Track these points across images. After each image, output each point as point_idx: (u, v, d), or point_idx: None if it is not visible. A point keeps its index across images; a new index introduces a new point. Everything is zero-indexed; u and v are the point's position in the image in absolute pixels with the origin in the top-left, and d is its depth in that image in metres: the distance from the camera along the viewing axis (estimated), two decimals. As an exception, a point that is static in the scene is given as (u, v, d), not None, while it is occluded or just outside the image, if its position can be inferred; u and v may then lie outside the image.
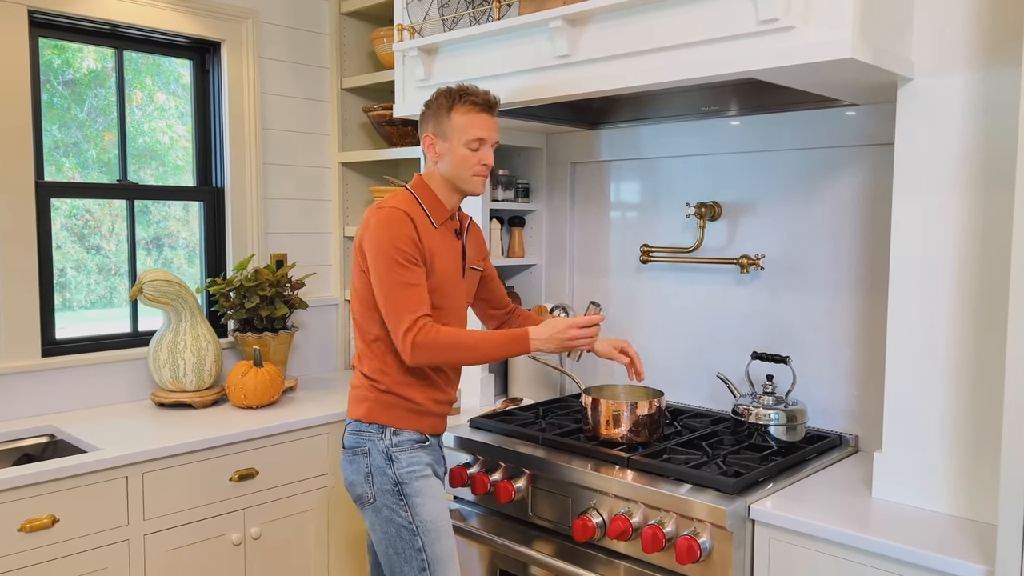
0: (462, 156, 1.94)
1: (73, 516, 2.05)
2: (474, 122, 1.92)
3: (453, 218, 2.04)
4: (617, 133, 2.68)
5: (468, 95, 1.92)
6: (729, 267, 2.42)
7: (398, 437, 1.96)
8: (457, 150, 1.94)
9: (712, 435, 2.22)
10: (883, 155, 2.12)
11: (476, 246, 2.15)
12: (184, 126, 2.94)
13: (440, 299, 1.98)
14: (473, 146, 1.93)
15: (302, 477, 2.52)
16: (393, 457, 1.94)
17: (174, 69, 2.91)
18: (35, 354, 2.50)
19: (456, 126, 1.92)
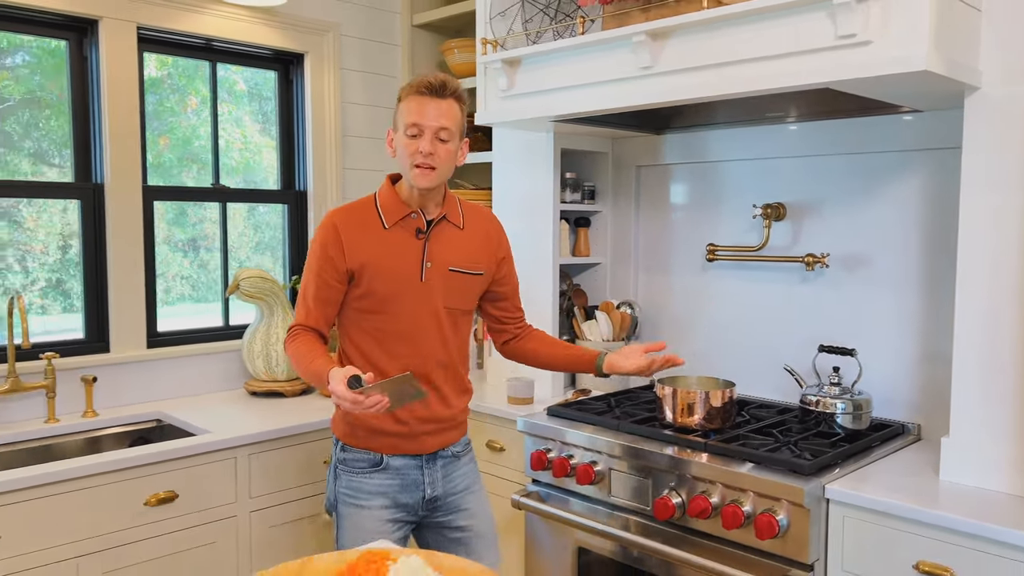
0: (400, 144, 1.81)
1: (190, 492, 2.23)
2: (411, 107, 1.78)
3: (415, 216, 1.88)
4: (681, 138, 2.82)
5: (419, 81, 1.80)
6: (794, 265, 2.55)
7: (346, 454, 1.90)
8: (400, 140, 1.81)
9: (780, 423, 2.35)
10: (944, 158, 2.24)
11: (464, 247, 1.95)
12: (239, 130, 3.12)
13: (388, 305, 1.86)
14: (411, 132, 1.78)
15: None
16: (338, 473, 1.92)
17: (229, 76, 3.10)
18: (141, 345, 2.70)
19: (402, 114, 1.81)
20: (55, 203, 2.61)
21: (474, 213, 2.03)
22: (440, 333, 1.92)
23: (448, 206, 1.95)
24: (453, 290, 1.93)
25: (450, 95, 1.81)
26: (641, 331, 2.98)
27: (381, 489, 1.88)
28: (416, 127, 1.78)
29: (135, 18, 2.63)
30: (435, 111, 1.79)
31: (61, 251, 2.64)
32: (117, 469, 2.09)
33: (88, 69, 2.62)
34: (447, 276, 1.91)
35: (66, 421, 2.46)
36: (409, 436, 1.89)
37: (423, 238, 1.88)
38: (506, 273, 2.07)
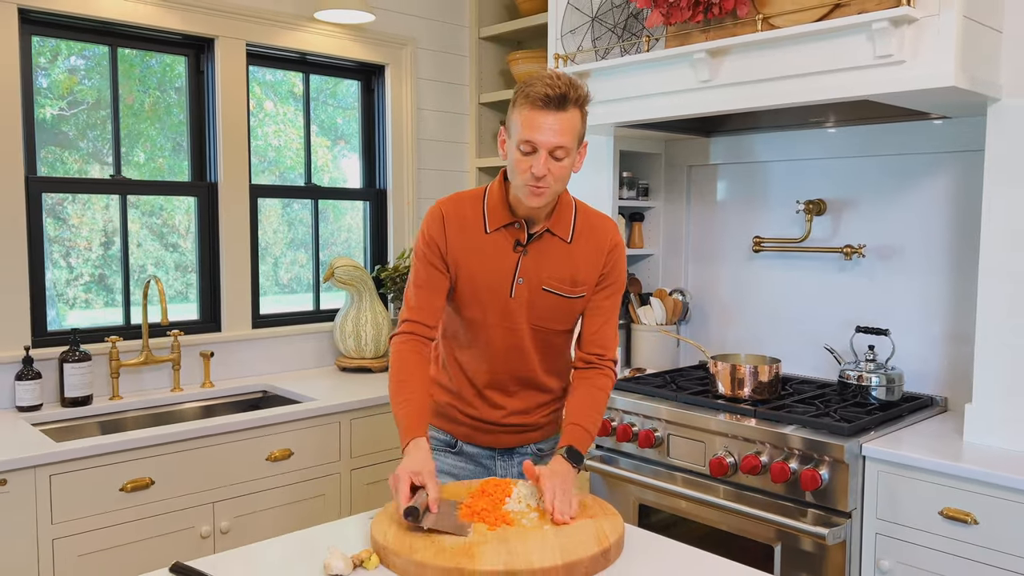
0: (514, 159, 1.64)
1: (303, 450, 2.57)
2: (526, 120, 1.59)
3: (519, 226, 1.74)
4: (729, 140, 3.11)
5: (531, 86, 1.60)
6: (833, 255, 2.83)
7: (431, 432, 1.87)
8: (512, 152, 1.65)
9: (821, 395, 2.63)
10: (970, 159, 2.51)
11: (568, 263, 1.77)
12: (295, 130, 3.46)
13: (473, 312, 1.77)
14: (525, 148, 1.60)
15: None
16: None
17: (287, 79, 3.44)
18: (247, 326, 3.05)
19: (515, 123, 1.63)
20: (179, 200, 2.97)
21: (589, 225, 1.81)
22: (521, 350, 1.80)
23: (557, 217, 1.77)
24: (544, 309, 1.77)
25: (572, 105, 1.62)
26: (692, 316, 3.28)
27: (453, 471, 1.87)
28: (530, 144, 1.60)
29: (246, 37, 2.98)
30: (553, 128, 1.59)
31: (169, 245, 3.00)
32: (244, 428, 2.44)
33: (204, 82, 2.97)
34: (539, 295, 1.76)
35: (188, 390, 2.82)
36: (484, 431, 1.86)
37: (520, 251, 1.73)
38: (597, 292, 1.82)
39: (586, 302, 1.82)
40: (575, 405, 1.78)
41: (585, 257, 1.79)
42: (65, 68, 2.75)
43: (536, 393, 1.87)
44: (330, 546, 1.43)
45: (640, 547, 1.53)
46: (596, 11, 2.69)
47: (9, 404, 2.52)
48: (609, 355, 1.84)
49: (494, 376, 1.82)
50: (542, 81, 1.60)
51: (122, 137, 2.85)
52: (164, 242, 2.99)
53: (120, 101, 2.83)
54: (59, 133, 2.75)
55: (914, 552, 2.10)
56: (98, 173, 2.82)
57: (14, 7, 2.48)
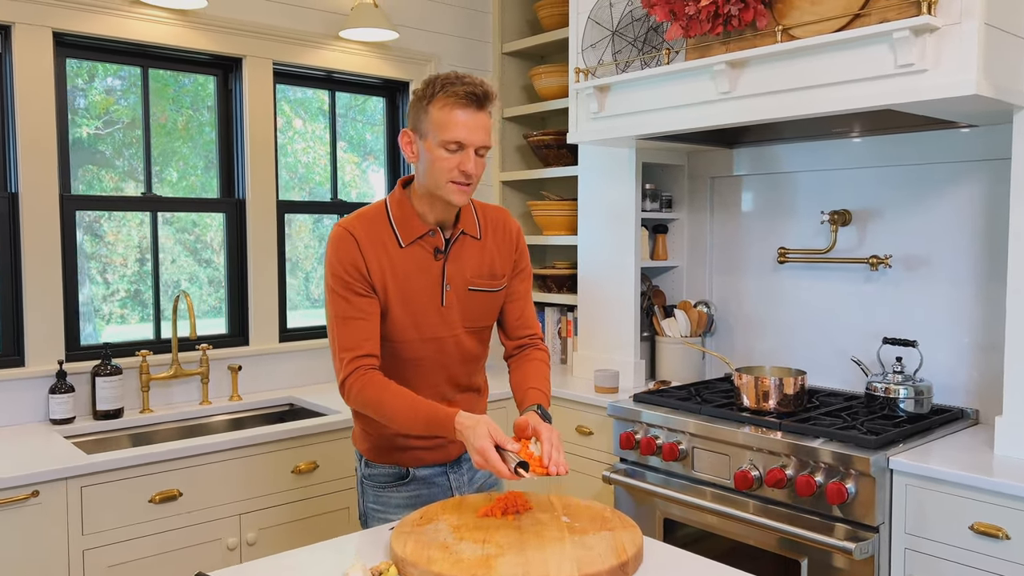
0: (437, 158, 1.60)
1: (328, 463, 2.60)
2: (453, 119, 1.58)
3: (434, 233, 1.71)
4: (752, 151, 3.10)
5: (451, 85, 1.59)
6: (860, 266, 2.80)
7: (370, 470, 1.80)
8: (433, 151, 1.61)
9: (847, 408, 2.60)
10: (997, 167, 2.48)
11: (484, 259, 1.79)
12: (323, 147, 3.50)
13: (406, 333, 1.71)
14: (451, 147, 1.60)
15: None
16: (364, 488, 1.83)
17: (315, 96, 3.49)
18: (275, 339, 3.09)
19: (435, 123, 1.60)
20: (212, 216, 3.03)
21: (490, 218, 1.84)
22: (461, 356, 1.80)
23: (464, 217, 1.78)
24: (475, 309, 1.79)
25: (490, 105, 1.64)
26: (717, 328, 3.26)
27: (409, 502, 1.80)
28: (458, 142, 1.59)
29: (273, 56, 3.04)
30: (479, 125, 1.61)
31: (201, 260, 3.06)
32: (270, 440, 2.47)
33: (232, 100, 3.04)
34: (467, 296, 1.76)
35: (217, 403, 2.86)
36: (433, 448, 1.80)
37: (442, 258, 1.72)
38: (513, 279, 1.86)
39: (507, 291, 1.85)
40: (527, 374, 1.81)
41: (498, 249, 1.82)
42: (102, 88, 2.82)
43: (473, 395, 1.89)
44: (352, 558, 1.45)
45: (660, 561, 1.52)
46: (616, 25, 2.71)
47: (43, 417, 2.58)
48: (538, 334, 1.92)
49: (435, 389, 1.78)
50: (459, 81, 1.61)
51: (156, 155, 2.91)
52: (198, 258, 3.05)
53: (153, 120, 2.90)
54: (96, 152, 2.82)
55: (944, 568, 2.06)
56: (133, 191, 2.89)
57: (49, 31, 2.56)
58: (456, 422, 1.56)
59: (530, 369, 1.83)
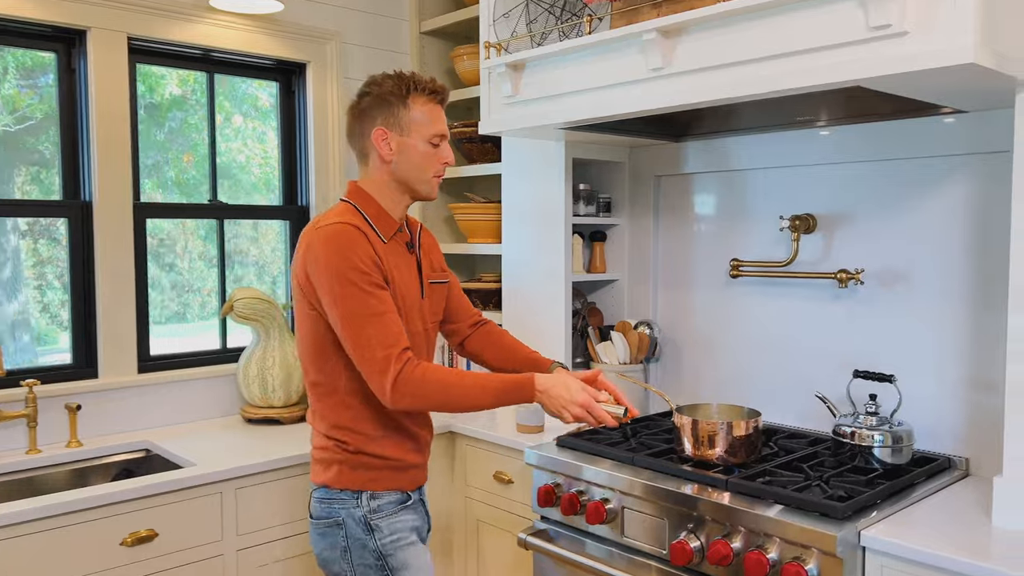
0: (424, 153, 1.70)
1: (172, 530, 2.08)
2: (436, 115, 1.72)
3: (402, 230, 1.79)
4: (703, 145, 2.63)
5: (424, 84, 1.71)
6: (826, 281, 2.34)
7: (377, 501, 1.71)
8: (418, 147, 1.70)
9: (812, 456, 2.14)
10: (993, 163, 2.02)
11: (433, 255, 1.92)
12: (261, 145, 3.00)
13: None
14: (435, 142, 1.71)
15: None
16: (373, 526, 1.70)
17: (253, 92, 2.98)
18: (132, 370, 2.57)
19: (416, 119, 1.69)
20: (42, 222, 2.50)
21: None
22: (429, 351, 1.87)
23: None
24: (436, 303, 1.88)
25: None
26: (662, 352, 2.79)
27: (415, 524, 1.77)
28: (441, 136, 1.72)
29: (125, 28, 2.52)
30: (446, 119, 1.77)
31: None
32: (86, 508, 1.94)
33: (76, 81, 2.51)
34: (431, 289, 1.86)
35: (49, 452, 2.34)
36: (422, 467, 1.82)
37: (415, 252, 1.81)
38: (451, 274, 2.01)
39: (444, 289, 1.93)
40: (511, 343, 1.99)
41: (432, 243, 1.93)
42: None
43: None
44: None
45: None
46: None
47: None
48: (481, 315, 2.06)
49: None
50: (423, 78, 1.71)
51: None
52: (39, 272, 2.52)
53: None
54: None
55: None
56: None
57: None
58: (537, 384, 1.64)
59: (507, 338, 1.99)
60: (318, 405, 1.73)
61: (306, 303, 1.66)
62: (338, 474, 1.71)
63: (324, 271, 1.57)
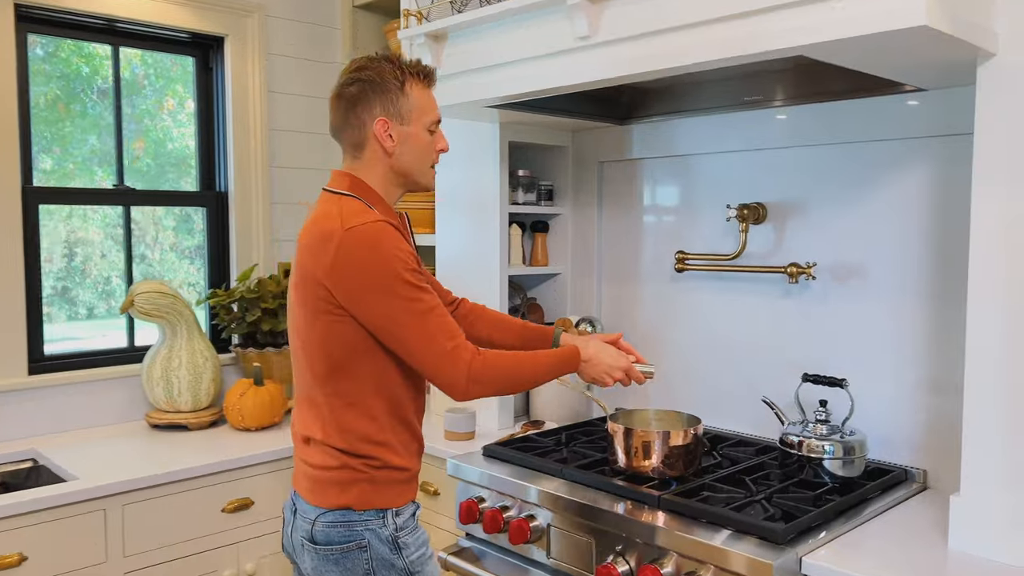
0: (425, 141, 1.60)
1: (44, 553, 1.86)
2: (432, 101, 1.62)
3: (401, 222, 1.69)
4: (649, 128, 2.43)
5: (418, 68, 1.60)
6: (775, 276, 2.15)
7: (401, 517, 1.58)
8: (420, 136, 1.59)
9: (757, 468, 1.95)
10: (955, 147, 1.84)
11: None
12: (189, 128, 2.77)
13: None
14: (433, 128, 1.62)
15: (303, 507, 2.30)
16: (401, 544, 1.56)
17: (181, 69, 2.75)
18: (21, 371, 2.34)
19: (416, 106, 1.57)
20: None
21: None
22: None
23: None
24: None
25: None
26: (606, 351, 2.59)
27: (427, 535, 1.66)
28: (438, 122, 1.63)
29: (9, -7, 2.28)
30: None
31: None
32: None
33: (-45, 52, 2.27)
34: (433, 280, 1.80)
35: (-81, 463, 2.10)
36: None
37: (412, 244, 1.67)
38: None
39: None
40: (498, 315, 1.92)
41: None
42: None
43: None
44: None
45: None
46: (453, -49, 2.01)
47: None
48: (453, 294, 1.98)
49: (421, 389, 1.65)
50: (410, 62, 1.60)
51: None
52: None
53: None
54: None
55: None
56: None
57: None
58: (583, 354, 1.69)
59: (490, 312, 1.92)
60: (337, 418, 1.53)
61: (326, 309, 1.48)
62: (362, 494, 1.53)
63: (375, 274, 1.45)
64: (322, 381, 1.52)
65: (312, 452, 1.55)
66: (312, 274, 1.48)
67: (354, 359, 1.50)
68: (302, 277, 1.51)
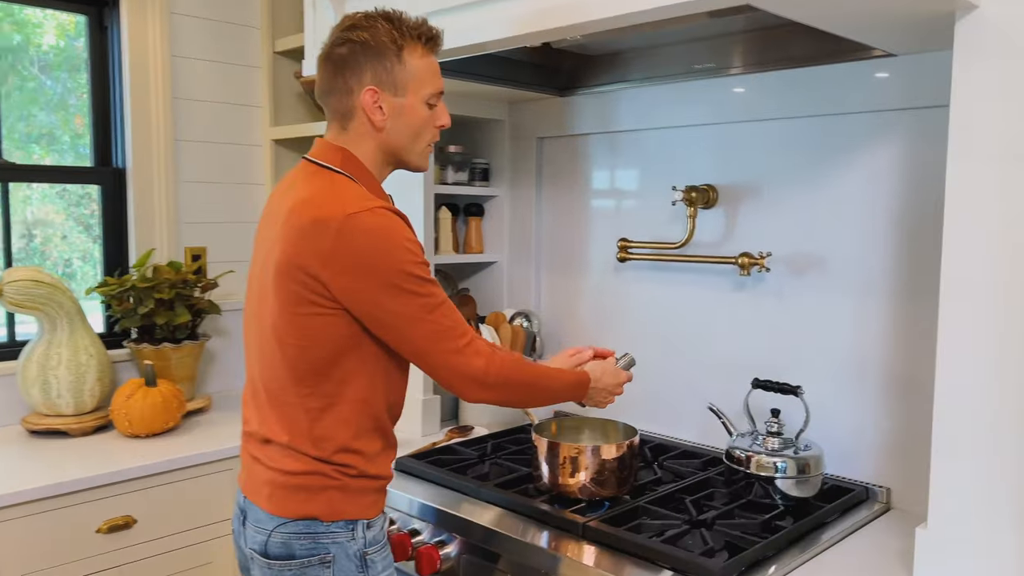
0: (423, 116, 1.39)
1: None
2: (434, 69, 1.41)
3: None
4: (592, 100, 2.17)
5: (420, 29, 1.38)
6: (726, 267, 1.92)
7: (372, 531, 1.42)
8: (417, 109, 1.38)
9: (702, 485, 1.72)
10: (926, 120, 1.61)
11: None
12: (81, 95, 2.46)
13: None
14: (433, 102, 1.41)
15: (196, 525, 2.04)
16: (369, 562, 1.40)
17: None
18: None
19: (414, 75, 1.37)
20: None
21: None
22: None
23: None
24: None
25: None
26: (545, 349, 2.35)
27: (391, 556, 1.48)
28: (439, 95, 1.42)
29: None
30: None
31: None
32: None
33: None
34: None
35: None
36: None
37: None
38: None
39: None
40: None
41: None
42: None
43: None
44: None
45: None
46: None
47: None
48: None
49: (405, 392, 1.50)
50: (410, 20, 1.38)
51: None
52: None
53: None
54: None
55: None
56: None
57: None
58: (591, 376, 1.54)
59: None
60: (311, 423, 1.36)
61: (313, 300, 1.31)
62: (331, 503, 1.37)
63: (383, 268, 1.28)
64: (300, 381, 1.35)
65: (274, 454, 1.37)
66: (299, 262, 1.29)
67: (339, 358, 1.34)
68: (283, 263, 1.30)
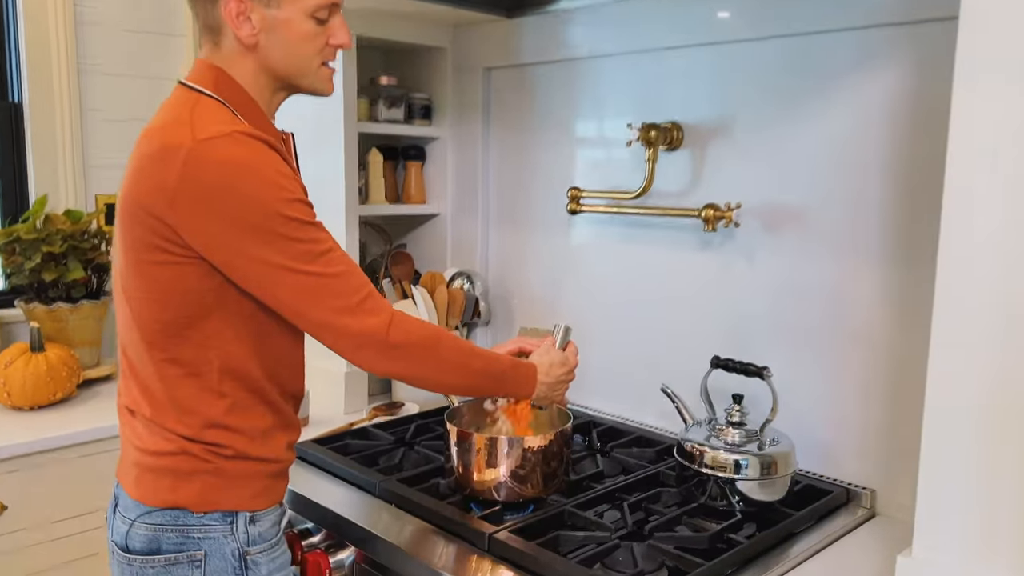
0: (305, 33, 1.17)
1: None
2: None
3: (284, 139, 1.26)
4: (543, 23, 1.85)
5: None
6: (689, 221, 1.61)
7: (258, 526, 1.20)
8: (298, 24, 1.16)
9: (649, 482, 1.45)
10: (930, 37, 1.28)
11: None
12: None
13: None
14: (321, 15, 1.17)
15: (81, 512, 1.79)
16: (251, 563, 1.18)
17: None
18: None
19: None
20: None
21: None
22: None
23: None
24: None
25: None
26: (495, 314, 2.06)
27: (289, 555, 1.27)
28: (331, 7, 1.18)
29: None
30: None
31: None
32: None
33: None
34: None
35: None
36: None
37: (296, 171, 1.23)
38: None
39: None
40: None
41: None
42: None
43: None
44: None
45: None
46: None
47: None
48: None
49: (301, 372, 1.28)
50: None
51: None
52: None
53: None
54: None
55: None
56: None
57: None
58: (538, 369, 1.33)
59: None
60: (172, 393, 1.16)
61: (160, 247, 1.10)
62: (204, 491, 1.17)
63: (245, 204, 1.07)
64: (152, 344, 1.14)
65: (141, 431, 1.17)
66: (141, 201, 1.08)
67: (198, 316, 1.13)
68: (127, 201, 1.11)
